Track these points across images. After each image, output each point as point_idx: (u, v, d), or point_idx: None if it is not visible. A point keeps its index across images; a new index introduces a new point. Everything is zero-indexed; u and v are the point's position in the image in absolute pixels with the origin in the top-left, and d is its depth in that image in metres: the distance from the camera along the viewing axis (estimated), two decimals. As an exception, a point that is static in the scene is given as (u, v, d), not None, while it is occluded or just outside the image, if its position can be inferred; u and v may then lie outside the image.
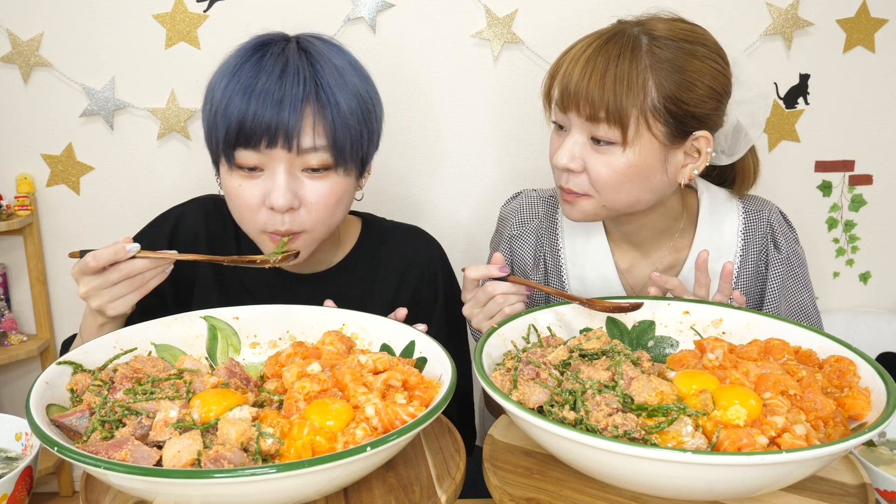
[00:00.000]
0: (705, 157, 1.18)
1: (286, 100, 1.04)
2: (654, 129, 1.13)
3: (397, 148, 1.95)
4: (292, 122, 1.04)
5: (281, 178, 1.06)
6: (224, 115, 1.06)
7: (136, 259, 1.01)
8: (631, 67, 1.11)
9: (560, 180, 1.21)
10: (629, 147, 1.13)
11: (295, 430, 0.78)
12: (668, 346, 1.07)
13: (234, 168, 1.08)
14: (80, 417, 0.82)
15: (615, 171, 1.14)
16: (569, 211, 1.23)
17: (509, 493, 0.82)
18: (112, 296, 1.02)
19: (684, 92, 1.13)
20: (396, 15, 1.87)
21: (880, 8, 1.94)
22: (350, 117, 1.08)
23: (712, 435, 0.78)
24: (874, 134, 2.02)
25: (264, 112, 1.03)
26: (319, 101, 1.06)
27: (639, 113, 1.12)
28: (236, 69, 1.07)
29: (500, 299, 1.11)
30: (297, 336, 1.05)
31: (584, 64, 1.13)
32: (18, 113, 1.89)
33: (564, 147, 1.17)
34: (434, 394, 0.86)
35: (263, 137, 1.04)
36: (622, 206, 1.19)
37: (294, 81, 1.05)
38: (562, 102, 1.17)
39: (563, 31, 1.87)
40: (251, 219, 1.10)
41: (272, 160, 1.07)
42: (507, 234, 1.40)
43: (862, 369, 0.89)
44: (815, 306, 1.35)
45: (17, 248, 1.97)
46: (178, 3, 1.83)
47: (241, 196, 1.09)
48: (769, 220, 1.32)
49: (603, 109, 1.11)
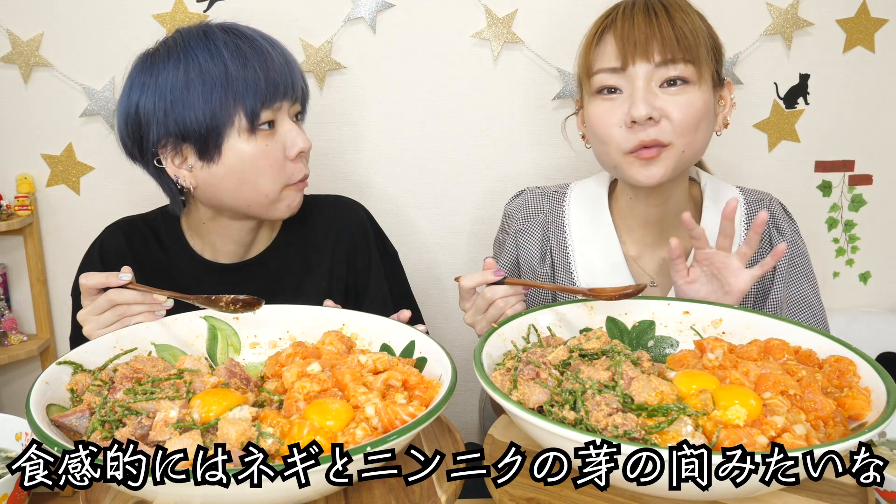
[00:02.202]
0: (731, 105, 1.26)
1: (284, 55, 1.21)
2: (710, 69, 1.20)
3: (397, 148, 1.95)
4: (297, 74, 1.22)
5: (294, 126, 1.21)
6: (244, 80, 1.14)
7: (126, 290, 1.03)
8: (685, 13, 1.18)
9: (637, 135, 1.17)
10: (702, 84, 1.18)
11: (295, 430, 0.78)
12: (668, 346, 1.07)
13: (257, 131, 1.17)
14: (80, 417, 0.82)
15: (696, 109, 1.17)
16: (653, 172, 1.18)
17: (509, 493, 0.82)
18: (98, 323, 1.04)
19: (718, 40, 1.22)
20: (396, 15, 1.87)
21: (880, 8, 1.93)
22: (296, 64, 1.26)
23: (712, 435, 0.78)
24: (874, 134, 2.02)
25: (281, 68, 1.18)
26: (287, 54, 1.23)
27: (706, 52, 1.18)
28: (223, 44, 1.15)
29: (501, 303, 1.11)
30: (297, 336, 1.05)
31: (644, 15, 1.17)
32: (18, 113, 1.89)
33: (638, 99, 1.15)
34: (434, 394, 0.86)
35: (282, 90, 1.17)
36: (698, 150, 1.22)
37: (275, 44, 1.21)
38: (626, 57, 1.17)
39: (563, 31, 1.87)
40: (279, 175, 1.20)
41: (281, 113, 1.19)
42: (513, 229, 1.41)
43: (862, 369, 0.89)
44: (819, 299, 1.35)
45: (17, 248, 1.97)
46: (178, 3, 1.83)
47: (270, 154, 1.18)
48: (770, 211, 1.33)
49: (680, 49, 1.15)
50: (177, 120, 1.14)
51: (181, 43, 1.17)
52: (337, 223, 1.38)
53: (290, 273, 1.34)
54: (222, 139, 1.15)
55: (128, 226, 1.34)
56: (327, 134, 1.90)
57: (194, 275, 1.31)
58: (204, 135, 1.15)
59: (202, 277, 1.31)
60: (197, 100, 1.13)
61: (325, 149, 1.90)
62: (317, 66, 1.85)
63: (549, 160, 1.95)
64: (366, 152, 1.94)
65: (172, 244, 1.32)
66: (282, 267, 1.34)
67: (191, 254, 1.31)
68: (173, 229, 1.33)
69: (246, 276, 1.32)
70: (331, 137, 1.91)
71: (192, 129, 1.14)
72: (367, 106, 1.91)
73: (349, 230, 1.38)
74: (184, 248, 1.32)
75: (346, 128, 1.91)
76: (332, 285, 1.35)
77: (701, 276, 1.15)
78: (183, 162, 1.19)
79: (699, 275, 1.15)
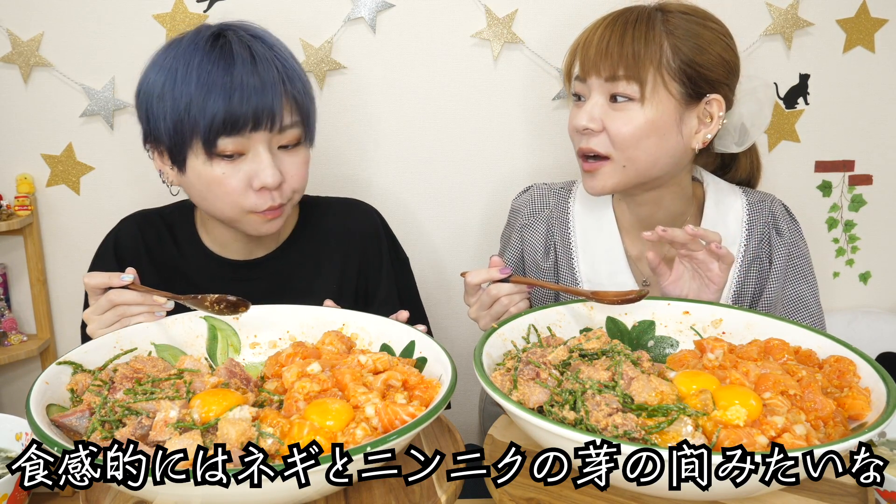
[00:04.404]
0: (717, 122, 1.24)
1: (267, 85, 1.11)
2: (670, 87, 1.19)
3: (397, 148, 1.95)
4: (275, 106, 1.12)
5: (266, 158, 1.13)
6: (202, 109, 1.10)
7: (127, 290, 1.04)
8: (648, 30, 1.19)
9: (580, 143, 1.25)
10: (647, 103, 1.19)
11: (295, 430, 0.78)
12: (668, 346, 1.07)
13: (214, 157, 1.13)
14: (80, 417, 0.82)
15: (634, 126, 1.19)
16: (591, 183, 1.25)
17: (509, 493, 0.82)
18: (100, 323, 1.05)
19: (698, 55, 1.20)
20: (396, 15, 1.87)
21: (880, 8, 1.93)
22: (305, 91, 1.19)
23: (712, 435, 0.78)
24: (874, 134, 2.02)
25: (249, 99, 1.10)
26: (290, 79, 1.15)
27: (655, 70, 1.18)
28: (199, 64, 1.11)
29: (505, 300, 1.13)
30: (297, 336, 1.05)
31: (603, 31, 1.21)
32: (18, 113, 1.89)
33: (583, 110, 1.23)
34: (434, 394, 0.86)
35: (249, 122, 1.11)
36: (641, 167, 1.22)
37: (266, 67, 1.13)
38: (582, 69, 1.23)
39: (563, 31, 1.87)
40: (237, 202, 1.16)
41: (253, 142, 1.13)
42: (519, 224, 1.43)
43: (862, 369, 0.89)
44: (817, 300, 1.35)
45: (17, 248, 1.97)
46: (178, 3, 1.83)
47: (225, 183, 1.14)
48: (771, 210, 1.34)
49: (622, 67, 1.18)
50: (151, 122, 1.16)
51: (181, 45, 1.15)
52: (350, 226, 1.37)
53: (300, 273, 1.34)
54: (185, 154, 1.14)
55: (143, 219, 1.35)
56: (327, 134, 1.90)
57: (205, 270, 1.31)
58: (170, 145, 1.15)
59: (213, 273, 1.31)
60: (165, 111, 1.13)
61: (324, 149, 1.90)
62: (317, 66, 1.85)
63: (548, 160, 1.95)
64: (366, 152, 1.94)
65: (185, 239, 1.32)
66: (292, 267, 1.34)
67: (203, 249, 1.32)
68: (187, 224, 1.33)
69: (256, 273, 1.32)
70: (330, 138, 1.91)
71: (162, 135, 1.15)
72: (367, 106, 1.91)
73: (361, 234, 1.37)
74: (196, 243, 1.32)
75: (345, 128, 1.91)
76: (342, 287, 1.34)
77: (684, 272, 1.16)
78: (163, 160, 1.20)
79: (682, 271, 1.16)
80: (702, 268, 1.13)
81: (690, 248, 1.12)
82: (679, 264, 1.16)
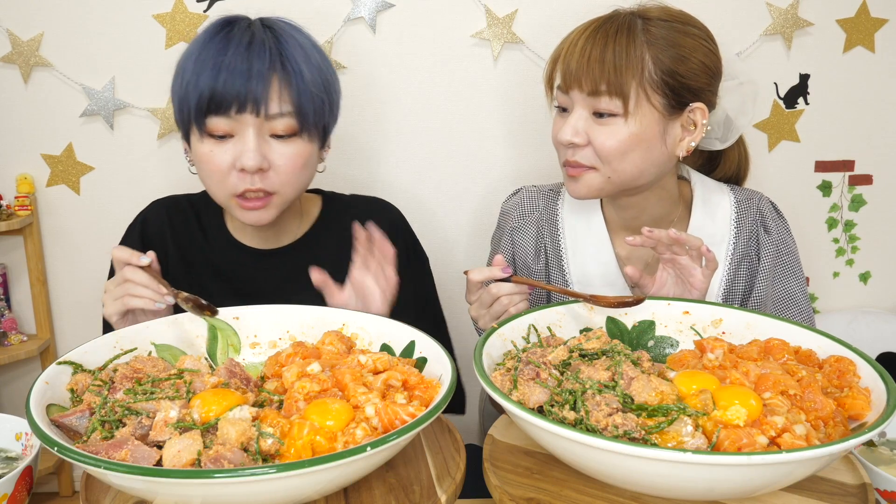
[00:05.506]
0: (701, 129, 1.24)
1: (253, 70, 1.13)
2: (653, 101, 1.19)
3: (397, 147, 1.95)
4: (259, 91, 1.13)
5: (251, 141, 1.15)
6: (195, 86, 1.14)
7: (140, 271, 1.08)
8: (629, 42, 1.18)
9: (565, 155, 1.25)
10: (630, 117, 1.18)
11: (295, 430, 0.77)
12: (668, 346, 1.07)
13: (204, 135, 1.17)
14: (80, 417, 0.82)
15: (619, 140, 1.19)
16: (574, 187, 1.26)
17: (509, 493, 0.82)
18: (111, 295, 1.09)
19: (679, 65, 1.19)
20: (396, 15, 1.87)
21: (880, 8, 1.94)
22: (313, 87, 1.18)
23: (712, 435, 0.78)
24: (874, 134, 2.02)
25: (234, 81, 1.13)
26: (285, 70, 1.15)
27: (638, 85, 1.17)
28: (205, 44, 1.16)
29: (506, 300, 1.13)
30: (297, 336, 1.05)
31: (584, 43, 1.20)
32: (18, 113, 1.89)
33: (568, 123, 1.22)
34: (434, 394, 0.86)
35: (233, 103, 1.13)
36: (627, 178, 1.22)
37: (259, 54, 1.15)
38: (564, 82, 1.22)
39: (563, 31, 1.84)
40: (222, 182, 1.18)
41: (242, 125, 1.15)
42: (509, 227, 1.43)
43: (862, 369, 0.89)
44: (806, 297, 1.35)
45: (17, 248, 1.97)
46: (178, 3, 1.83)
47: (211, 161, 1.17)
48: (759, 208, 1.35)
49: (604, 83, 1.17)
50: (173, 100, 1.22)
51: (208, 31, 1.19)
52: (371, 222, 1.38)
53: (321, 266, 1.33)
54: (189, 130, 1.19)
55: (172, 204, 1.38)
56: (327, 134, 1.90)
57: (228, 256, 1.33)
58: (178, 121, 1.21)
59: (234, 260, 1.33)
60: (176, 89, 1.19)
61: (325, 149, 1.90)
62: (317, 66, 1.85)
63: (548, 160, 1.95)
64: (366, 152, 1.94)
65: (211, 225, 1.35)
66: (313, 259, 1.32)
67: (227, 236, 1.34)
68: (214, 210, 1.36)
69: (276, 262, 1.33)
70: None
71: (175, 112, 1.21)
72: (366, 106, 1.91)
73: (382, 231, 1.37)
74: (221, 229, 1.34)
75: (345, 128, 1.91)
76: None
77: (668, 279, 1.16)
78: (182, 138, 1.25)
79: (666, 278, 1.16)
80: (684, 273, 1.13)
81: (675, 251, 1.12)
82: (662, 271, 1.16)
